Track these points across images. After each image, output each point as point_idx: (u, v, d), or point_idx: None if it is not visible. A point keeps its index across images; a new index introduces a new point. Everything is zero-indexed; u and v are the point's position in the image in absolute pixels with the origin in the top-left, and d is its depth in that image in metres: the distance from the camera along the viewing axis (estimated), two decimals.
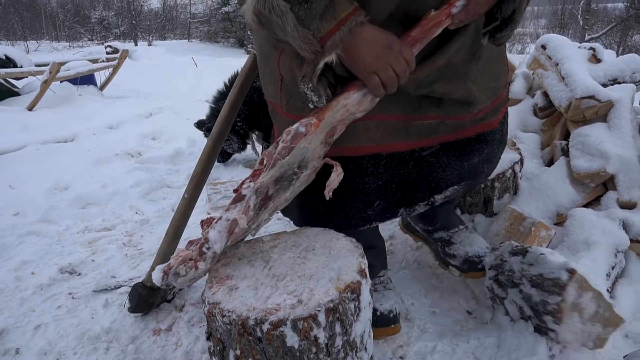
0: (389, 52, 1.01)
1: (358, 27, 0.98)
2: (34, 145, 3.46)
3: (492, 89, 1.31)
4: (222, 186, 2.59)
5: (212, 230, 1.05)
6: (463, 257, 1.57)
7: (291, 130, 1.06)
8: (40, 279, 1.79)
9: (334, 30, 0.97)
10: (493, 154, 1.45)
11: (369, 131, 1.20)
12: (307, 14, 0.96)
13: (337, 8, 0.97)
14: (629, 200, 1.84)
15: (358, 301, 1.00)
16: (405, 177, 1.27)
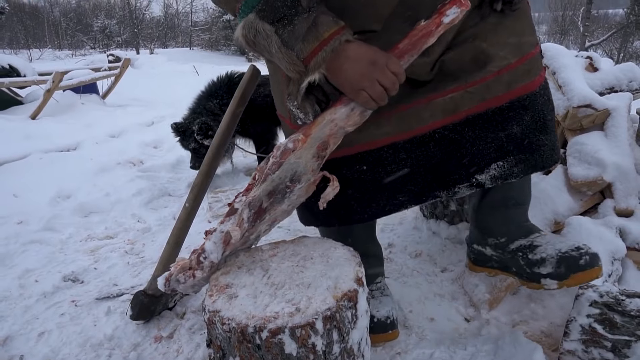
0: (374, 67, 1.02)
1: (342, 45, 1.01)
2: (38, 154, 3.50)
3: (513, 45, 1.19)
4: (222, 195, 2.61)
5: (208, 241, 1.10)
6: (556, 257, 1.30)
7: (281, 146, 1.09)
8: (44, 287, 1.82)
9: (317, 50, 1.00)
10: (545, 120, 1.25)
11: (381, 127, 1.20)
12: (290, 36, 1.00)
13: (319, 29, 1.00)
14: (625, 208, 1.86)
15: (355, 309, 1.02)
16: (431, 158, 1.22)
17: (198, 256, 1.10)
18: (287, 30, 0.99)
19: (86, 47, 30.51)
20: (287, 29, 0.99)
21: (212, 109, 2.92)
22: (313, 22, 0.99)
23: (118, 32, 30.61)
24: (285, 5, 0.99)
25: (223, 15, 22.82)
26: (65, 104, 5.35)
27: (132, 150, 3.71)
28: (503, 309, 1.59)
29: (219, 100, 2.96)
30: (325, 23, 1.00)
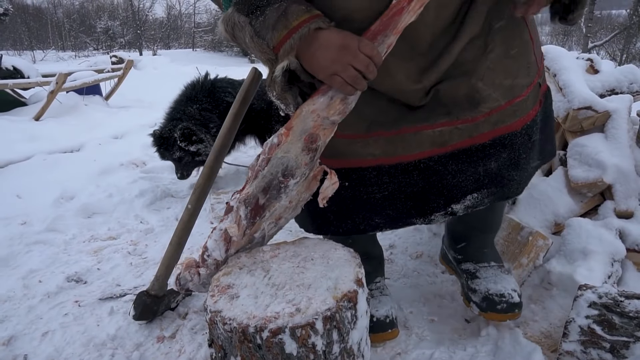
0: (345, 51, 1.03)
1: (311, 32, 1.03)
2: (41, 155, 3.52)
3: (507, 87, 1.22)
4: (225, 196, 2.63)
5: (210, 239, 1.12)
6: (483, 294, 1.44)
7: (268, 142, 1.12)
8: (48, 287, 1.83)
9: (285, 38, 1.03)
10: (518, 159, 1.31)
11: (368, 146, 1.23)
12: (261, 26, 1.04)
13: (289, 18, 1.03)
14: (626, 209, 1.87)
15: (355, 310, 1.03)
16: (412, 186, 1.26)
17: (202, 254, 1.13)
18: (259, 20, 1.03)
19: (89, 48, 30.61)
20: (259, 19, 1.03)
21: (193, 114, 2.77)
22: (283, 12, 1.03)
23: (121, 34, 30.71)
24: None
25: None
26: (68, 105, 5.38)
27: (135, 151, 3.73)
28: None
29: (199, 105, 2.82)
30: (295, 12, 1.03)
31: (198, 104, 2.81)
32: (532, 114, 1.29)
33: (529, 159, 1.33)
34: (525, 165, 1.33)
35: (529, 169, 1.35)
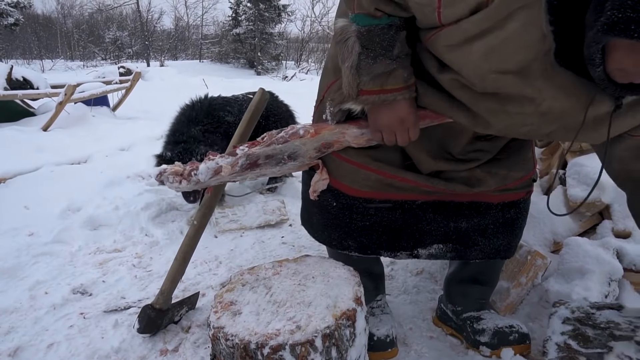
0: (400, 125, 1.17)
1: (393, 102, 1.14)
2: (49, 166, 3.57)
3: (501, 176, 1.36)
4: (229, 210, 2.66)
5: (204, 164, 1.30)
6: (492, 330, 1.50)
7: (294, 128, 1.28)
8: (54, 299, 1.87)
9: (375, 93, 1.13)
10: (486, 227, 1.44)
11: (369, 180, 1.32)
12: (365, 67, 1.12)
13: (389, 80, 1.12)
14: (623, 229, 1.89)
15: (353, 327, 1.06)
16: (392, 222, 1.37)
17: (191, 171, 1.33)
18: (368, 61, 1.11)
19: (97, 58, 30.92)
20: (368, 60, 1.11)
21: (196, 135, 2.69)
22: (389, 71, 1.11)
23: (129, 44, 31.01)
24: (381, 45, 1.09)
25: (233, 28, 23.09)
26: (76, 116, 5.45)
27: (141, 163, 3.76)
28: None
29: (201, 126, 2.74)
30: (397, 77, 1.12)
31: (200, 125, 2.75)
32: (512, 197, 1.43)
33: (497, 233, 1.46)
34: (492, 237, 1.46)
35: (495, 243, 1.47)
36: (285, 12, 23.38)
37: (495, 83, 1.01)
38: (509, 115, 1.08)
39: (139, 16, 30.30)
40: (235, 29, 23.01)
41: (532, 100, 1.03)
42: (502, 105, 1.06)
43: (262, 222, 2.61)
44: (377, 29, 1.08)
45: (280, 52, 24.02)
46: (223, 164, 1.28)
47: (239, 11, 23.31)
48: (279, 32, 24.23)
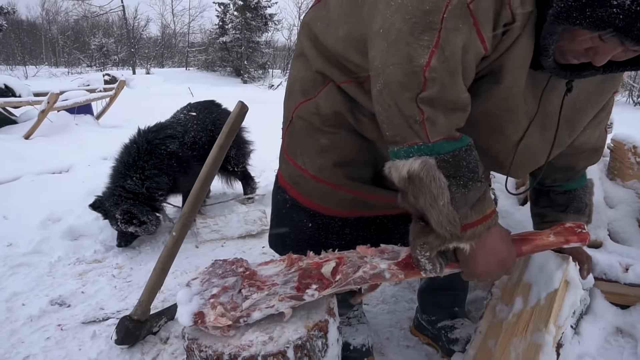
0: (500, 268, 1.07)
1: (493, 227, 1.03)
2: (30, 175, 3.54)
3: None
4: (211, 221, 2.67)
5: (259, 311, 1.06)
6: (466, 339, 1.52)
7: (378, 269, 1.10)
8: (31, 311, 1.86)
9: (478, 222, 1.00)
10: None
11: (345, 200, 1.31)
12: (461, 198, 0.97)
13: (486, 203, 1.01)
14: (595, 239, 1.94)
15: (325, 338, 1.08)
16: (367, 239, 1.33)
17: (239, 318, 1.06)
18: (461, 191, 0.97)
19: (83, 64, 30.70)
20: (460, 190, 0.97)
21: (133, 188, 2.48)
22: (483, 195, 1.01)
23: (115, 51, 30.86)
24: (468, 167, 0.98)
25: (220, 37, 23.11)
26: (59, 125, 5.41)
27: None
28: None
29: (140, 173, 2.51)
30: (490, 199, 1.03)
31: (140, 172, 2.51)
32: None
33: None
34: None
35: None
36: (272, 21, 23.46)
37: None
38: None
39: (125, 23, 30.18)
40: (221, 37, 23.01)
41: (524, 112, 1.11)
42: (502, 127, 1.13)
43: (244, 233, 2.62)
44: (462, 151, 0.98)
45: (267, 61, 24.09)
46: (285, 311, 1.06)
47: (226, 19, 23.34)
48: (266, 40, 24.32)
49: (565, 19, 0.88)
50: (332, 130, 1.24)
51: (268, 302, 1.08)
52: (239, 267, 1.22)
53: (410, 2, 0.93)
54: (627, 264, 1.80)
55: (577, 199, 1.41)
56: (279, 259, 1.27)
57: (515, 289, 1.25)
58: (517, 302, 1.22)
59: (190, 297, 1.12)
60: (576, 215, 1.40)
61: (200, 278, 1.19)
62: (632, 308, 1.77)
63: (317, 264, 1.16)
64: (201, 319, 1.06)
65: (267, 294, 1.10)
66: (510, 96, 1.05)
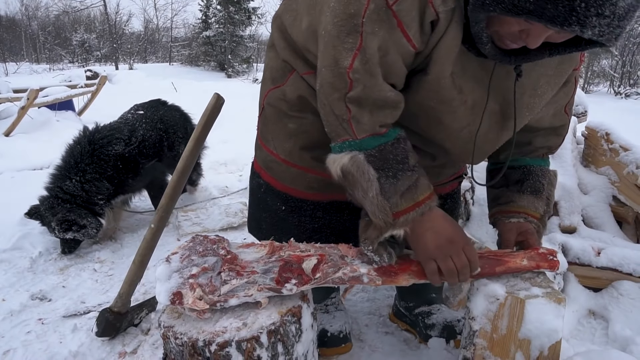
0: (451, 245, 1.08)
1: (430, 211, 1.08)
2: (10, 172, 3.52)
3: (434, 174, 1.37)
4: (192, 213, 2.68)
5: (236, 298, 1.08)
6: (442, 324, 1.55)
7: (357, 273, 1.13)
8: (11, 306, 1.85)
9: (410, 209, 1.06)
10: None
11: (315, 182, 1.33)
12: (390, 188, 1.04)
13: (417, 190, 1.06)
14: (569, 225, 1.99)
15: (299, 324, 1.10)
16: (340, 224, 1.39)
17: (216, 302, 1.08)
18: (390, 182, 1.04)
19: (64, 61, 30.28)
20: (389, 180, 1.04)
21: (72, 190, 2.39)
22: (414, 183, 1.06)
23: (97, 47, 30.45)
24: (396, 159, 1.05)
25: (203, 31, 22.92)
26: (40, 121, 5.35)
27: None
28: None
29: (81, 176, 2.41)
30: (423, 186, 1.07)
31: (80, 174, 2.42)
32: (447, 189, 1.56)
33: None
34: None
35: None
36: (256, 15, 23.30)
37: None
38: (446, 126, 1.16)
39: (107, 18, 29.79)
40: (205, 32, 22.83)
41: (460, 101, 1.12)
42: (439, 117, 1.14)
43: (225, 225, 2.63)
44: (388, 145, 1.05)
45: (251, 55, 23.95)
46: (262, 300, 1.10)
47: (209, 14, 23.16)
48: (250, 34, 24.14)
49: (481, 7, 0.92)
50: (298, 115, 1.28)
51: (246, 291, 1.11)
52: (220, 249, 1.23)
53: (339, 5, 1.00)
54: (600, 248, 1.86)
55: (533, 177, 1.34)
56: (260, 243, 1.30)
57: (510, 344, 1.15)
58: (519, 357, 1.15)
59: (170, 274, 1.14)
60: (533, 197, 1.32)
61: (180, 253, 1.21)
62: (604, 291, 1.82)
63: (298, 258, 1.18)
64: (179, 299, 1.08)
65: (247, 282, 1.12)
66: (440, 87, 1.08)
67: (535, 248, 1.24)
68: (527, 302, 1.11)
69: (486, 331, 1.17)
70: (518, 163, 1.37)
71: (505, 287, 1.16)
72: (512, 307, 1.13)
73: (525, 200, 1.32)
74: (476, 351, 1.20)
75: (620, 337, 1.59)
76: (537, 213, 1.31)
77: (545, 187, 1.35)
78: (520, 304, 1.12)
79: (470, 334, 1.22)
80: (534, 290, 1.15)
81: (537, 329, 1.13)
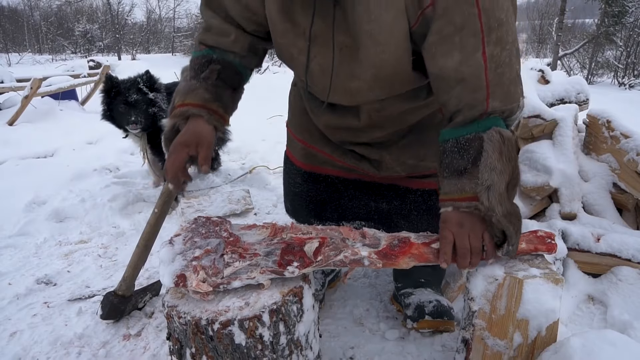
0: (194, 138, 1.27)
1: (194, 117, 1.28)
2: (14, 160, 3.54)
3: (410, 165, 1.43)
4: (195, 200, 2.70)
5: (239, 281, 1.10)
6: (415, 304, 1.56)
7: (358, 256, 1.15)
8: (17, 289, 1.88)
9: (179, 106, 1.30)
10: (409, 212, 1.50)
11: (296, 148, 1.54)
12: (180, 88, 1.32)
13: (189, 95, 1.29)
14: (569, 212, 2.00)
15: (301, 304, 1.12)
16: (318, 194, 1.51)
17: (219, 284, 1.10)
18: (182, 84, 1.32)
19: (67, 51, 30.24)
20: (183, 83, 1.33)
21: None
22: (193, 89, 1.29)
23: (100, 37, 30.41)
24: (194, 69, 1.31)
25: None
26: (43, 110, 5.38)
27: (108, 156, 3.76)
28: (455, 307, 1.70)
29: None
30: (196, 95, 1.28)
31: None
32: (434, 184, 1.44)
33: (421, 219, 1.51)
34: (416, 222, 1.51)
35: (420, 229, 1.31)
36: None
37: None
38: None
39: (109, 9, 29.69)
40: None
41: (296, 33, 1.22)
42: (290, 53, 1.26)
43: (228, 212, 2.65)
44: (197, 58, 1.31)
45: None
46: (263, 282, 1.11)
47: None
48: None
49: None
50: (292, 88, 1.52)
51: (249, 273, 1.12)
52: (222, 231, 1.25)
53: None
54: (599, 234, 1.87)
55: (448, 153, 1.08)
56: (262, 225, 1.31)
57: (509, 324, 1.15)
58: (517, 337, 1.16)
59: (173, 256, 1.16)
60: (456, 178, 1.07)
61: (183, 235, 1.22)
62: (603, 276, 1.83)
63: (300, 240, 1.20)
64: (183, 282, 1.10)
65: (249, 264, 1.14)
66: (272, 22, 1.23)
67: (534, 231, 1.25)
68: (525, 282, 1.13)
69: (485, 312, 1.19)
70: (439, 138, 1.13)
71: (503, 267, 1.17)
72: (511, 288, 1.14)
73: (448, 184, 1.08)
74: (475, 332, 1.22)
75: (619, 322, 1.61)
76: (468, 194, 1.05)
77: (472, 158, 1.04)
78: (519, 284, 1.13)
79: (469, 315, 1.23)
80: (532, 271, 1.16)
81: (535, 309, 1.14)
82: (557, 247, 1.25)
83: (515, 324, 1.17)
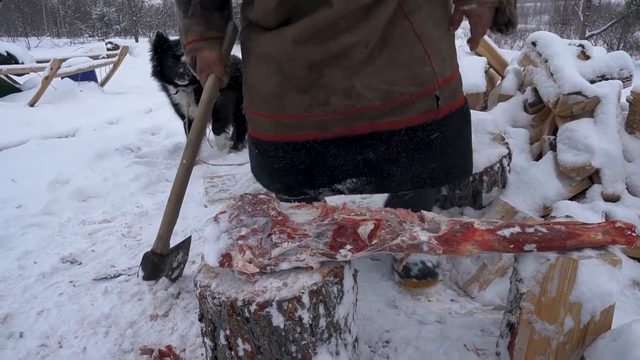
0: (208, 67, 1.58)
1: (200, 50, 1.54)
2: (36, 140, 3.53)
3: (383, 91, 1.33)
4: (218, 179, 2.65)
5: (287, 262, 1.04)
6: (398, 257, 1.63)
7: (417, 240, 1.07)
8: (43, 268, 1.86)
9: (186, 44, 1.56)
10: (398, 156, 1.42)
11: (265, 125, 1.47)
12: (183, 27, 1.55)
13: (188, 33, 1.54)
14: (612, 193, 1.89)
15: (341, 285, 1.06)
16: (301, 162, 1.46)
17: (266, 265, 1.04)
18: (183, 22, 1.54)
19: (85, 35, 30.34)
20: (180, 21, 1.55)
21: None
22: (187, 27, 1.54)
23: (117, 20, 30.43)
24: (180, 8, 1.53)
25: None
26: (63, 91, 5.37)
27: (130, 136, 3.73)
28: (492, 290, 1.63)
29: None
30: (193, 32, 1.53)
31: None
32: (418, 119, 1.37)
33: (412, 160, 1.43)
34: (408, 165, 1.43)
35: (414, 171, 1.45)
36: None
37: None
38: None
39: None
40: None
41: None
42: None
43: (252, 191, 2.59)
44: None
45: None
46: (314, 265, 1.04)
47: None
48: None
49: None
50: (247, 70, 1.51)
51: (298, 255, 1.05)
52: (270, 209, 1.19)
53: None
54: None
55: None
56: (312, 205, 1.25)
57: (560, 308, 1.09)
58: (568, 321, 1.09)
59: (218, 234, 1.10)
60: None
61: (229, 212, 1.17)
62: None
63: (353, 222, 1.13)
64: (228, 261, 1.04)
65: (299, 246, 1.07)
66: None
67: (612, 222, 1.13)
68: (580, 263, 1.05)
69: (534, 294, 1.11)
70: None
71: None
72: (564, 268, 1.06)
73: None
74: (522, 315, 1.14)
75: None
76: None
77: None
78: (573, 264, 1.05)
79: (516, 297, 1.16)
80: (587, 251, 1.08)
81: (590, 291, 1.06)
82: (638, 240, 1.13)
83: (567, 307, 1.09)
